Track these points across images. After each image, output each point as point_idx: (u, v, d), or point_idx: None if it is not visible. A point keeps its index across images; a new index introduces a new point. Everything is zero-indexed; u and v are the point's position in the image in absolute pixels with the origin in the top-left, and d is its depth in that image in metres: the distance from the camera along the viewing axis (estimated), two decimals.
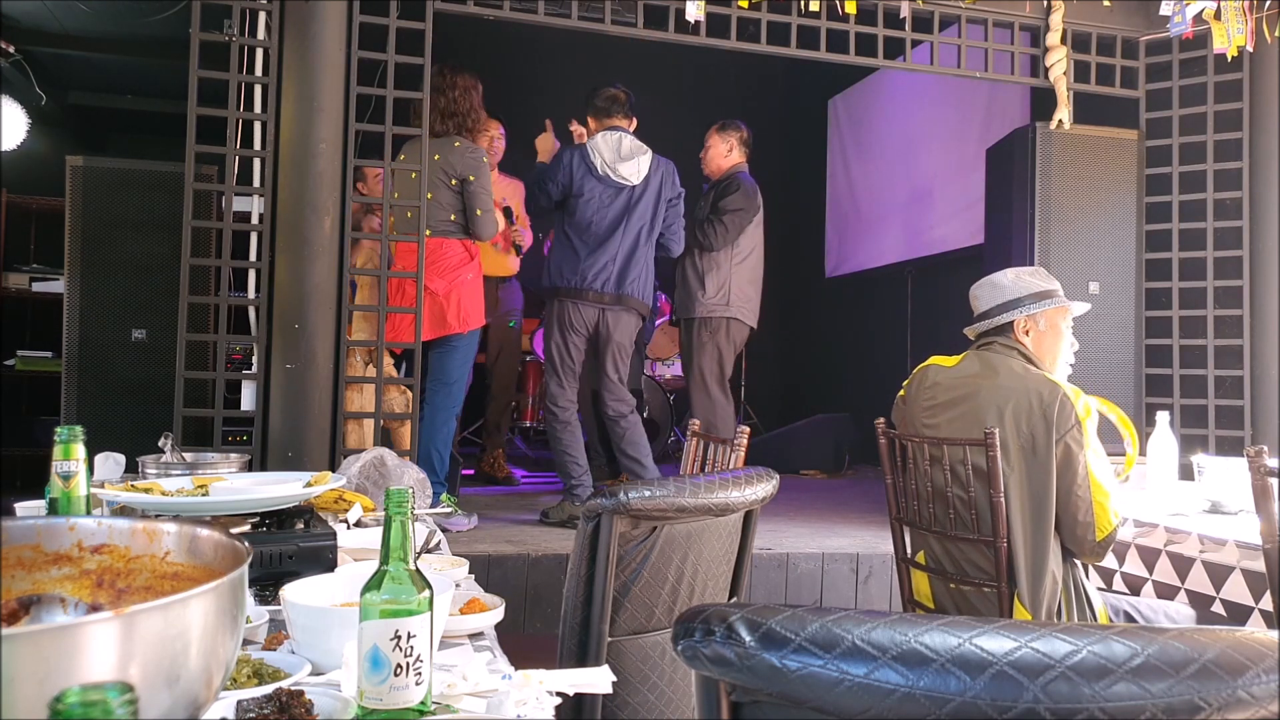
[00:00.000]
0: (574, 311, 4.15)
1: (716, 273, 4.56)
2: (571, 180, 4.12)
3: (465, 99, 4.00)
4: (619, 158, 4.15)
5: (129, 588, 0.92)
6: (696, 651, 0.73)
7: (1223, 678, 0.66)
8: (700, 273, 4.57)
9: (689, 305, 4.62)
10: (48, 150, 5.98)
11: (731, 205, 4.51)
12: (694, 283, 4.59)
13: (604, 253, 4.13)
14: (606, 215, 4.14)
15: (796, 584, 3.68)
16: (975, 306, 2.51)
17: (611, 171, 4.13)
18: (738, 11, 3.99)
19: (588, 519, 1.59)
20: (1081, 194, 4.32)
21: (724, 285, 4.57)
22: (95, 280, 3.93)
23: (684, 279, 4.65)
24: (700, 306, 4.57)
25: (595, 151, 4.15)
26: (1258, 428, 4.18)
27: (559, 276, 4.18)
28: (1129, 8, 4.35)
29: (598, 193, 4.13)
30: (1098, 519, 2.23)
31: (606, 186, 4.14)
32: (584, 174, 4.13)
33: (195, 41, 3.52)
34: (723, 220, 4.50)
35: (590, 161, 4.14)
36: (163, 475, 2.02)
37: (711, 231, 4.51)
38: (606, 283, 4.13)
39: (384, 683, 0.95)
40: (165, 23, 4.31)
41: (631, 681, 1.65)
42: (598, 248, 4.13)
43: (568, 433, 4.18)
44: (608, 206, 4.14)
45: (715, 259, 4.56)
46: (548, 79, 6.70)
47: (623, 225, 4.15)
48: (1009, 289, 2.44)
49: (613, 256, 4.14)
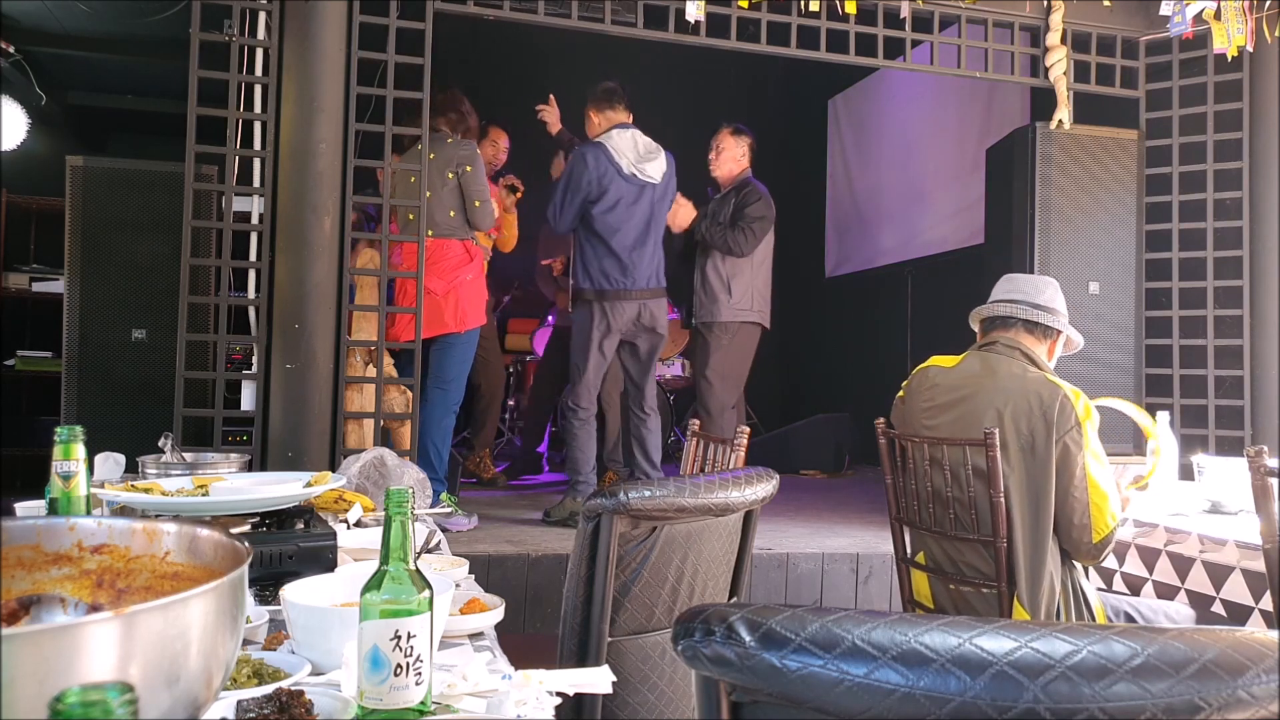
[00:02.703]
0: (617, 311, 4.17)
1: (741, 278, 4.59)
2: (598, 178, 4.12)
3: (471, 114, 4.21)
4: (641, 157, 4.20)
5: (129, 588, 0.92)
6: (696, 651, 0.73)
7: (1223, 678, 0.66)
8: (725, 278, 4.59)
9: (713, 310, 4.61)
10: (48, 150, 5.97)
11: (757, 213, 4.56)
12: (718, 288, 4.59)
13: (643, 251, 4.21)
14: (635, 214, 4.19)
15: (796, 584, 3.68)
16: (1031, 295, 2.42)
17: (638, 171, 4.19)
18: (738, 11, 3.99)
19: (588, 519, 1.59)
20: (1081, 194, 4.32)
21: (748, 289, 4.61)
22: (95, 280, 3.93)
23: (706, 284, 4.63)
24: (727, 311, 4.59)
25: (618, 152, 4.17)
26: (1258, 428, 4.18)
27: (603, 279, 4.17)
28: (1129, 8, 4.34)
29: (624, 191, 4.16)
30: (1094, 521, 2.22)
31: (631, 185, 4.18)
32: (611, 174, 4.14)
33: (195, 41, 3.52)
34: (751, 227, 4.53)
35: (615, 161, 4.15)
36: (163, 475, 2.02)
37: (742, 238, 4.53)
38: (650, 278, 4.23)
39: (384, 683, 0.95)
40: (165, 23, 4.31)
41: (631, 681, 1.65)
42: (637, 246, 4.19)
43: (585, 430, 4.23)
44: (634, 205, 4.19)
45: (739, 265, 4.59)
46: (547, 79, 6.69)
47: (650, 221, 4.24)
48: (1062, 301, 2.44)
49: (651, 252, 4.25)
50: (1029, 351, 2.37)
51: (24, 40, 5.25)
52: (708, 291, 4.62)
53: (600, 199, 4.12)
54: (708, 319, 4.65)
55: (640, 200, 4.19)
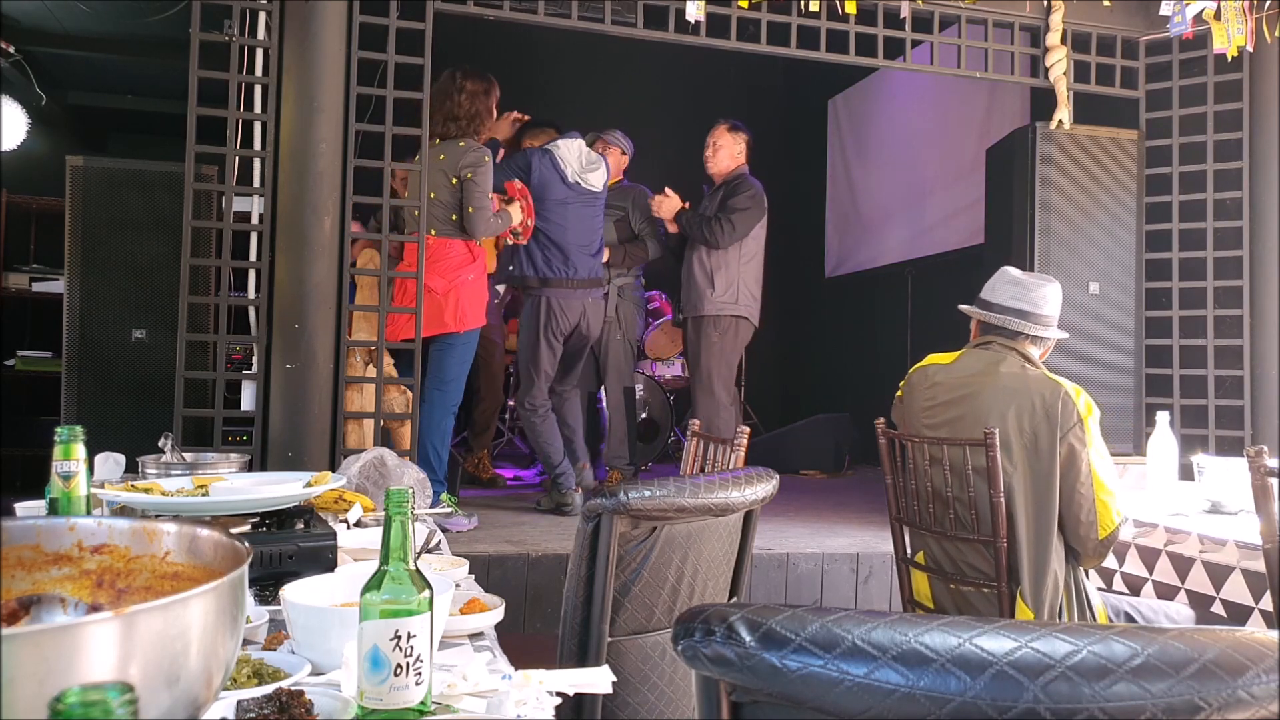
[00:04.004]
0: (561, 297, 4.36)
1: (726, 271, 4.58)
2: (540, 182, 4.32)
3: (472, 103, 4.03)
4: (584, 167, 4.40)
5: (129, 588, 0.92)
6: (696, 651, 0.73)
7: (1223, 678, 0.66)
8: (709, 271, 4.59)
9: (697, 303, 4.63)
10: (48, 150, 5.97)
11: (740, 205, 4.53)
12: (702, 281, 4.60)
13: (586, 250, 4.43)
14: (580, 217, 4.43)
15: (796, 584, 3.68)
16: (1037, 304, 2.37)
17: (581, 180, 4.39)
18: (738, 11, 3.99)
19: (588, 519, 1.59)
20: (1081, 194, 4.32)
21: (733, 284, 4.59)
22: (95, 280, 3.93)
23: (690, 277, 4.66)
24: (710, 304, 4.59)
25: (564, 160, 4.36)
26: (1258, 428, 4.17)
27: (546, 268, 4.35)
28: (1129, 8, 4.34)
29: (566, 195, 4.36)
30: (1100, 518, 2.23)
31: (573, 192, 4.39)
32: (555, 179, 4.34)
33: (195, 41, 3.52)
34: (730, 219, 4.51)
35: (560, 169, 4.35)
36: (163, 475, 2.02)
37: (719, 228, 4.51)
38: (592, 271, 4.47)
39: (384, 683, 0.95)
40: (165, 23, 4.30)
41: (631, 681, 1.65)
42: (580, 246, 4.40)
43: (547, 424, 4.38)
44: (577, 209, 4.42)
45: (724, 258, 4.58)
46: (547, 79, 6.70)
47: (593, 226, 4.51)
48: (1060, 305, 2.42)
49: (595, 254, 4.51)
50: (1025, 352, 2.38)
51: (24, 40, 5.25)
52: (693, 284, 4.65)
53: (543, 201, 4.30)
54: (693, 312, 4.68)
55: (582, 205, 4.41)
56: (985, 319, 2.43)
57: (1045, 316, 2.39)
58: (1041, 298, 2.39)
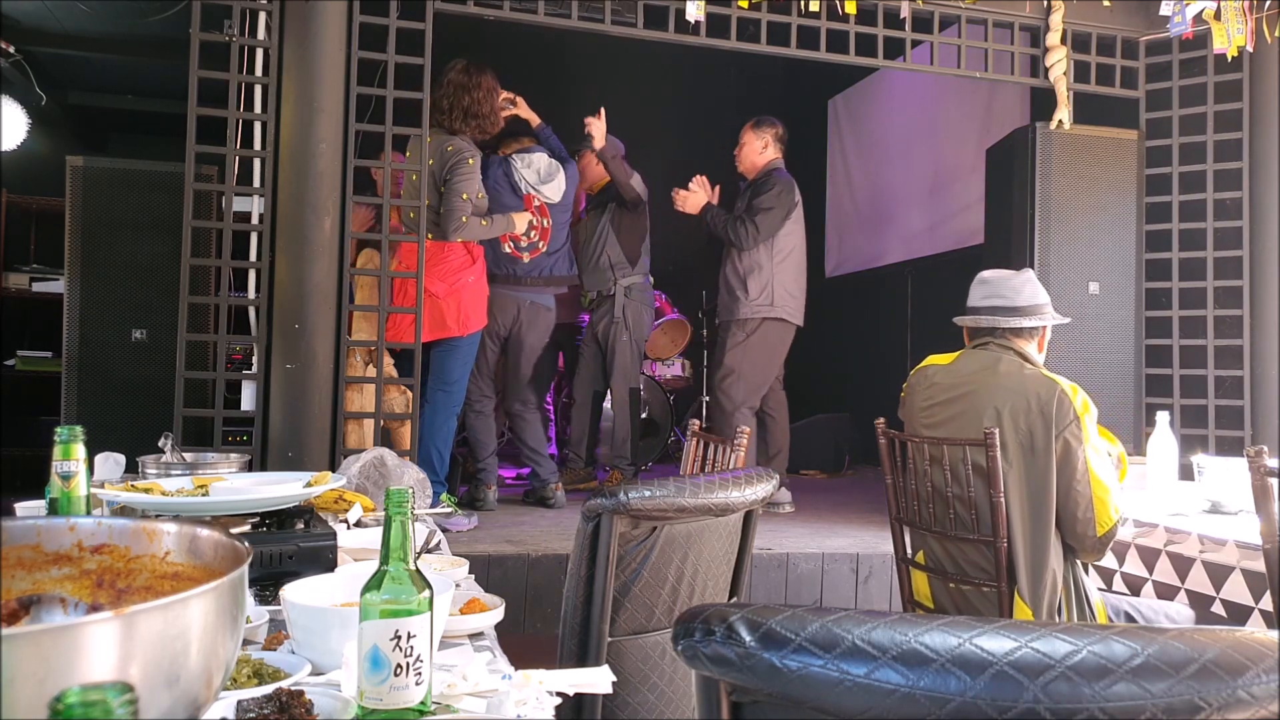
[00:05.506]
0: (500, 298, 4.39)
1: (759, 273, 4.46)
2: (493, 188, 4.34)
3: (488, 101, 4.03)
4: (541, 180, 4.42)
5: (129, 588, 0.92)
6: (696, 651, 0.73)
7: (1223, 678, 0.66)
8: (741, 275, 4.48)
9: (732, 308, 4.52)
10: (48, 150, 5.97)
11: (764, 204, 4.43)
12: (736, 285, 4.50)
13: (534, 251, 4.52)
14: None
15: (796, 584, 3.68)
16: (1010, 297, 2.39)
17: (537, 194, 4.44)
18: (738, 11, 3.99)
19: (588, 519, 1.59)
20: (1081, 194, 4.32)
21: (766, 286, 4.47)
22: (95, 280, 3.93)
23: (725, 282, 4.57)
24: (743, 309, 4.48)
25: (518, 172, 4.41)
26: (1258, 428, 4.17)
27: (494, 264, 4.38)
28: (1129, 8, 4.34)
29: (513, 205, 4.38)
30: (1098, 514, 2.23)
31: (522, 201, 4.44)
32: (505, 188, 4.40)
33: (195, 41, 3.52)
34: (754, 220, 4.41)
35: (513, 180, 4.41)
36: (163, 475, 2.02)
37: (743, 230, 4.42)
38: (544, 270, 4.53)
39: (384, 683, 0.95)
40: (165, 23, 4.30)
41: (631, 681, 1.65)
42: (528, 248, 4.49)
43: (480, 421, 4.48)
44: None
45: (756, 259, 4.47)
46: (547, 79, 6.71)
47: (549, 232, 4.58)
48: (1042, 292, 2.42)
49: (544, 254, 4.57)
50: (1021, 350, 2.38)
51: (24, 40, 5.24)
52: (728, 290, 4.55)
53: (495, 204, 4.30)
54: (726, 317, 4.59)
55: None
56: (970, 324, 2.45)
57: (1024, 306, 2.39)
58: (1013, 289, 2.40)
